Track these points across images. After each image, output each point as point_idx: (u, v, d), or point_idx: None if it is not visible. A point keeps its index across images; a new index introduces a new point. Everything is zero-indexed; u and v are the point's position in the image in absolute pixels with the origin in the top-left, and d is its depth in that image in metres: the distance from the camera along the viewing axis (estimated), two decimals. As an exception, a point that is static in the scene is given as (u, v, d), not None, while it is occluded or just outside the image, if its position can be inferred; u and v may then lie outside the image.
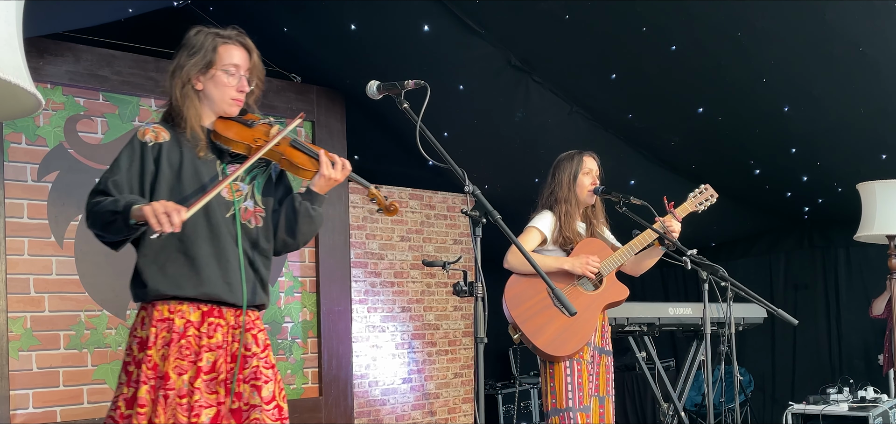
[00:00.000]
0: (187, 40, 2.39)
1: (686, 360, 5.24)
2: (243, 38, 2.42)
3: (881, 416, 4.78)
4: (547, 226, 3.52)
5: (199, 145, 2.33)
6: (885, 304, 5.99)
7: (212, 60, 2.34)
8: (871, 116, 4.80)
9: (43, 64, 4.25)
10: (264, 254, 2.40)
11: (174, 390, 2.19)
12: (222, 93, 2.36)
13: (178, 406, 2.18)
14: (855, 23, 4.12)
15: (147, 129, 2.33)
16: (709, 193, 3.68)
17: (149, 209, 2.08)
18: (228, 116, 2.40)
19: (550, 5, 4.39)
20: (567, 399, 3.39)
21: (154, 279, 2.26)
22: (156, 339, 2.23)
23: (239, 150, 2.34)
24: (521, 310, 3.38)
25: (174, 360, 2.21)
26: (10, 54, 1.62)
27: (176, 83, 2.34)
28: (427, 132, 2.29)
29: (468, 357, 6.50)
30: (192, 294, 2.25)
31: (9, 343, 4.08)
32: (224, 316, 2.30)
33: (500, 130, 5.58)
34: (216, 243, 2.29)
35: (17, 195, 4.19)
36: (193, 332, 2.25)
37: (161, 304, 2.26)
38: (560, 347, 3.35)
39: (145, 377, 2.20)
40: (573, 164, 3.58)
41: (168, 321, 2.25)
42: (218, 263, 2.28)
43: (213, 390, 2.24)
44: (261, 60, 2.45)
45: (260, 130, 2.39)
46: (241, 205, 2.35)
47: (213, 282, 2.26)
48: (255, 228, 2.37)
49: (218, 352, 2.26)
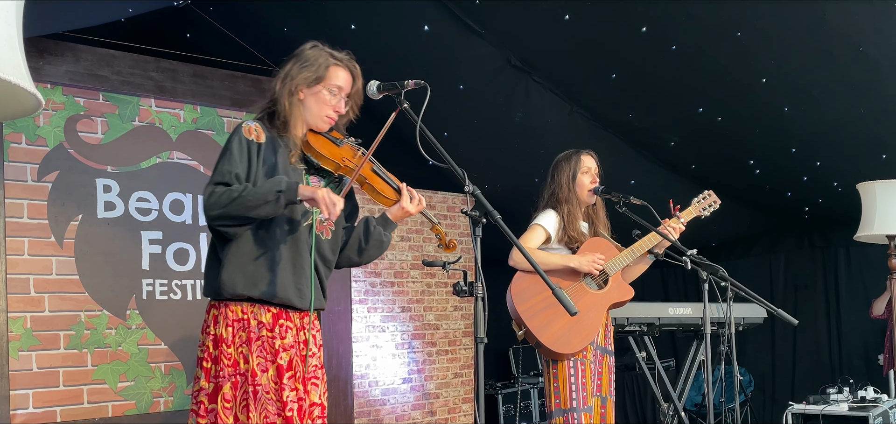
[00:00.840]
0: (301, 52, 2.52)
1: (686, 360, 5.24)
2: (353, 64, 2.55)
3: (881, 416, 4.78)
4: (551, 224, 3.52)
5: (294, 152, 2.45)
6: (885, 304, 5.99)
7: (321, 76, 2.48)
8: (871, 116, 4.80)
9: (43, 64, 4.25)
10: (328, 265, 2.56)
11: (262, 386, 2.33)
12: (321, 109, 2.50)
13: (268, 401, 2.32)
14: (855, 23, 4.12)
15: (250, 126, 2.44)
16: (712, 199, 3.70)
17: (320, 194, 2.24)
18: (318, 131, 2.52)
19: (550, 5, 4.39)
20: (571, 398, 3.39)
21: (233, 279, 2.36)
22: (233, 338, 2.36)
23: (327, 166, 2.47)
24: (527, 306, 3.38)
25: (257, 358, 2.34)
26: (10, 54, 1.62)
27: (285, 90, 2.47)
28: (427, 132, 2.30)
29: (468, 357, 6.50)
30: (266, 296, 2.36)
31: (9, 343, 4.08)
32: (291, 319, 2.43)
33: (500, 130, 5.58)
34: (293, 250, 2.42)
35: (17, 195, 4.19)
36: (267, 333, 2.38)
37: (234, 304, 2.38)
38: (565, 344, 3.35)
39: (227, 373, 2.33)
40: (571, 164, 3.58)
41: (243, 320, 2.37)
42: (293, 268, 2.41)
43: (293, 386, 2.38)
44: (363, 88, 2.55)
45: (346, 150, 2.51)
46: (318, 217, 2.47)
47: (286, 286, 2.39)
48: (325, 240, 2.51)
49: (291, 351, 2.40)
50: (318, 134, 2.52)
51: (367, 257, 2.62)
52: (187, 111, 4.81)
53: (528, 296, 3.40)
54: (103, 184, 4.46)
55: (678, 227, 3.52)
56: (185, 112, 4.80)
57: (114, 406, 4.41)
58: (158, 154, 4.67)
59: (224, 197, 2.28)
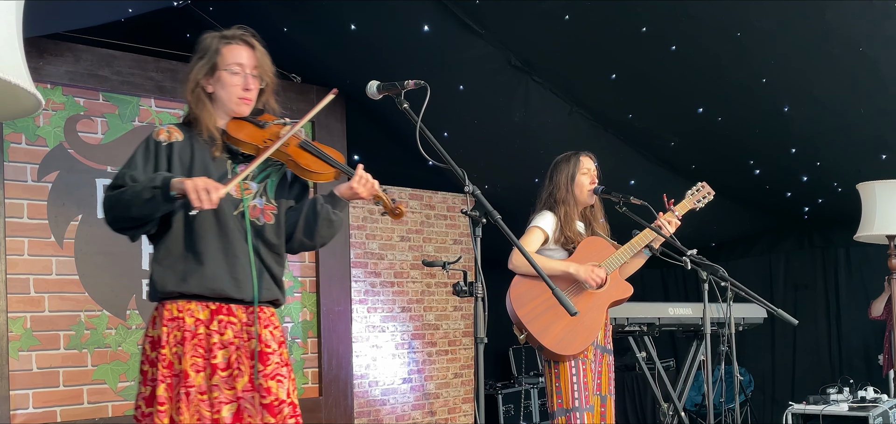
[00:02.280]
0: (197, 46, 2.43)
1: (686, 360, 5.24)
2: (247, 37, 2.44)
3: (881, 416, 4.78)
4: (549, 225, 3.52)
5: (215, 146, 2.37)
6: (883, 305, 6.00)
7: (216, 61, 2.38)
8: (871, 116, 4.80)
9: (43, 64, 4.25)
10: (276, 251, 2.42)
11: (194, 387, 2.23)
12: (229, 93, 2.39)
13: (201, 403, 2.22)
14: (855, 23, 4.12)
15: (161, 129, 2.37)
16: (706, 190, 3.69)
17: (190, 183, 2.13)
18: (241, 117, 2.42)
19: (550, 5, 4.39)
20: (573, 398, 3.38)
21: (162, 277, 2.29)
22: (168, 338, 2.26)
23: (248, 150, 2.36)
24: (527, 310, 3.37)
25: (190, 358, 2.24)
26: (10, 54, 1.62)
27: (187, 88, 2.40)
28: (427, 132, 2.29)
29: (468, 357, 6.50)
30: (198, 291, 2.28)
31: (9, 343, 4.08)
32: (234, 313, 2.32)
33: (500, 130, 5.58)
34: (224, 240, 2.32)
35: (17, 195, 4.19)
36: (203, 330, 2.28)
37: (170, 303, 2.29)
38: (567, 346, 3.35)
39: (162, 375, 2.24)
40: (570, 165, 3.58)
41: (178, 319, 2.28)
42: (225, 259, 2.30)
43: (230, 386, 2.27)
44: (268, 58, 2.47)
45: (271, 130, 2.41)
46: (250, 203, 2.37)
47: (219, 278, 2.29)
48: (263, 224, 2.39)
49: (230, 349, 2.29)
50: (241, 120, 2.42)
51: (319, 238, 2.46)
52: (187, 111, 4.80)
53: (528, 300, 3.39)
54: (103, 184, 4.46)
55: (673, 221, 3.52)
56: (185, 112, 4.79)
57: (114, 406, 4.41)
58: (158, 154, 4.67)
59: (112, 199, 2.22)
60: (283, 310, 5.20)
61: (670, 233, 3.45)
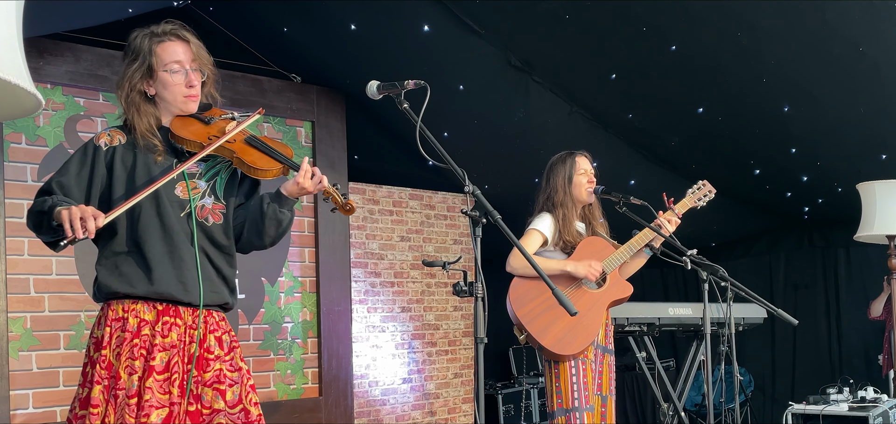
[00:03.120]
0: (127, 46, 2.33)
1: (686, 360, 5.24)
2: (179, 31, 2.35)
3: (881, 416, 4.78)
4: (547, 228, 3.52)
5: (156, 150, 2.28)
6: (883, 305, 6.00)
7: (151, 63, 2.29)
8: (871, 116, 4.80)
9: (43, 64, 4.25)
10: (225, 252, 2.34)
11: (124, 389, 2.14)
12: (173, 93, 2.30)
13: (127, 406, 2.13)
14: (855, 23, 4.12)
15: (103, 133, 2.30)
16: (707, 188, 3.69)
17: (65, 213, 2.06)
18: (188, 114, 2.34)
19: (550, 5, 4.39)
20: (573, 398, 3.38)
21: (107, 279, 2.24)
22: (110, 339, 2.20)
23: (193, 148, 2.28)
24: (526, 311, 3.37)
25: (126, 359, 2.17)
26: (10, 54, 1.61)
27: (120, 94, 2.29)
28: (427, 132, 2.29)
29: (468, 357, 6.50)
30: (145, 293, 2.21)
31: (9, 343, 4.08)
32: (181, 315, 2.24)
33: (500, 130, 5.58)
34: (169, 242, 2.24)
35: (17, 195, 4.19)
36: (148, 331, 2.20)
37: (115, 303, 2.23)
38: (567, 346, 3.35)
39: (99, 376, 2.17)
40: (566, 166, 3.57)
41: (122, 320, 2.21)
42: (171, 261, 2.23)
43: (165, 390, 2.17)
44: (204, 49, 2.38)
45: (217, 126, 2.33)
46: (198, 203, 2.29)
47: (165, 281, 2.21)
48: (212, 224, 2.31)
49: (172, 352, 2.21)
50: (186, 117, 2.32)
51: (268, 237, 2.35)
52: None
53: (527, 300, 3.39)
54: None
55: (673, 220, 3.52)
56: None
57: (114, 406, 4.40)
58: (158, 154, 4.67)
59: (33, 208, 2.18)
60: (283, 310, 5.20)
61: (670, 232, 3.45)
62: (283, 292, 5.20)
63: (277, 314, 5.17)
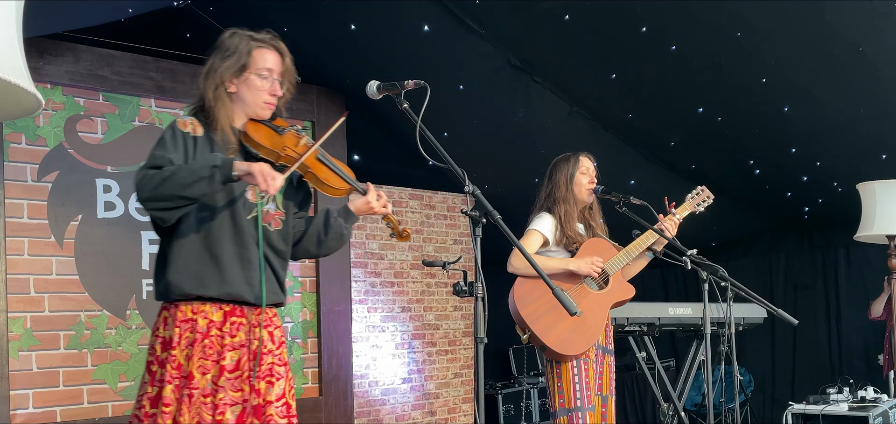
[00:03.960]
0: (221, 42, 2.42)
1: (686, 360, 5.24)
2: (277, 42, 2.45)
3: (881, 416, 4.78)
4: (548, 228, 3.52)
5: (230, 147, 2.36)
6: (883, 306, 6.00)
7: (246, 63, 2.37)
8: (871, 116, 4.80)
9: (43, 64, 4.25)
10: (282, 256, 2.46)
11: (198, 389, 2.23)
12: (255, 96, 2.39)
13: (203, 405, 2.23)
14: (855, 23, 4.12)
15: (185, 120, 2.36)
16: (705, 194, 3.70)
17: (257, 167, 2.14)
18: (259, 120, 2.44)
19: (550, 5, 4.39)
20: (575, 398, 3.39)
21: (179, 280, 2.28)
22: (180, 339, 2.27)
23: (267, 156, 2.37)
24: (530, 310, 3.38)
25: (198, 359, 2.25)
26: (10, 54, 1.62)
27: (209, 85, 2.37)
28: (427, 132, 2.29)
29: (468, 357, 6.50)
30: (216, 294, 2.29)
31: (9, 343, 4.08)
32: (245, 315, 2.34)
33: (500, 130, 5.58)
34: (240, 244, 2.33)
35: (17, 195, 4.19)
36: (216, 332, 2.29)
37: (184, 304, 2.29)
38: (570, 346, 3.35)
39: (170, 376, 2.24)
40: (569, 165, 3.59)
41: (191, 321, 2.28)
42: (241, 263, 2.32)
43: (237, 387, 2.28)
44: (293, 64, 2.48)
45: (289, 138, 2.43)
46: (263, 208, 2.39)
47: (235, 282, 2.30)
48: (274, 231, 2.42)
49: (241, 350, 2.31)
50: (259, 123, 2.42)
51: (325, 249, 2.52)
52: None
53: (531, 300, 3.39)
54: (103, 184, 4.46)
55: (674, 223, 3.52)
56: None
57: (114, 406, 4.40)
58: (158, 154, 4.67)
59: (156, 178, 2.17)
60: (283, 310, 5.19)
61: (672, 235, 3.45)
62: (283, 292, 5.20)
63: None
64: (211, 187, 2.18)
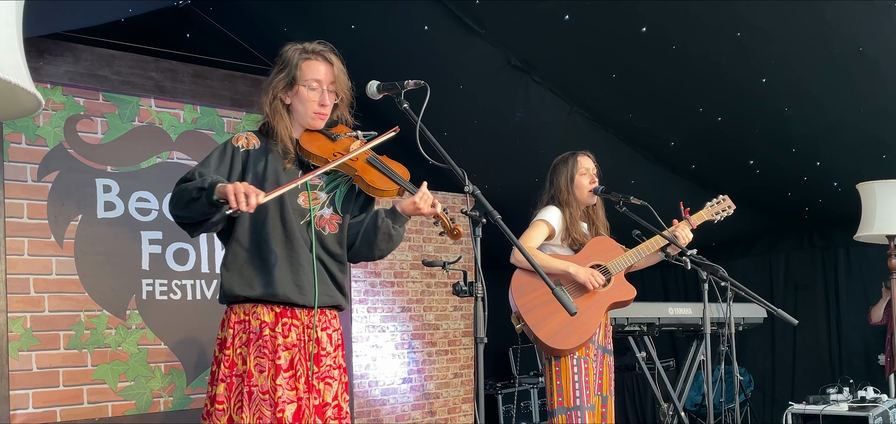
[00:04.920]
0: (279, 56, 2.53)
1: (686, 360, 5.24)
2: (326, 53, 2.53)
3: (881, 416, 4.78)
4: (555, 219, 3.51)
5: (289, 157, 2.45)
6: (882, 310, 6.00)
7: (295, 76, 2.46)
8: (871, 116, 4.80)
9: (43, 64, 4.25)
10: (338, 259, 2.52)
11: (257, 386, 2.33)
12: (306, 107, 2.47)
13: (263, 402, 2.31)
14: (855, 23, 4.12)
15: (240, 135, 2.48)
16: (726, 204, 3.68)
17: (230, 187, 2.18)
18: (315, 129, 2.50)
19: (550, 5, 4.39)
20: (574, 396, 3.38)
21: (231, 283, 2.39)
22: (233, 340, 2.38)
23: (317, 162, 2.44)
24: (526, 301, 3.38)
25: (254, 358, 2.35)
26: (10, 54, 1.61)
27: (265, 99, 2.48)
28: (427, 132, 2.29)
29: (468, 357, 6.50)
30: (262, 295, 2.37)
31: (9, 343, 4.08)
32: (297, 316, 2.41)
33: (500, 130, 5.58)
34: (289, 247, 2.41)
35: (17, 195, 4.19)
36: (269, 332, 2.37)
37: (238, 307, 2.40)
38: (562, 341, 3.35)
39: (224, 375, 2.35)
40: (569, 166, 3.58)
41: (244, 322, 2.39)
42: (290, 266, 2.40)
43: (292, 386, 2.35)
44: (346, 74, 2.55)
45: (342, 143, 2.49)
46: (317, 213, 2.46)
47: (283, 284, 2.38)
48: (328, 234, 2.49)
49: (293, 351, 2.38)
50: (314, 132, 2.51)
51: (378, 251, 2.56)
52: (187, 111, 4.81)
53: (528, 291, 3.40)
54: (103, 184, 4.46)
55: (687, 230, 3.50)
56: (185, 112, 4.80)
57: (114, 406, 4.41)
58: (158, 154, 4.67)
59: (176, 193, 2.31)
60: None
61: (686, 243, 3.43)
62: (283, 292, 5.20)
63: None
64: (203, 208, 2.25)
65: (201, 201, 2.23)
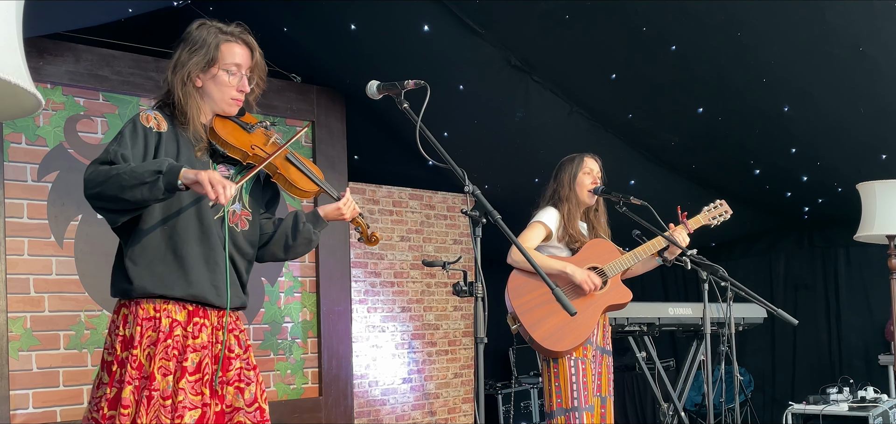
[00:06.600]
0: (189, 34, 2.33)
1: (686, 360, 5.24)
2: (246, 36, 2.38)
3: (881, 416, 4.78)
4: (552, 221, 3.53)
5: (200, 145, 2.28)
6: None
7: (214, 57, 2.30)
8: (871, 116, 4.80)
9: (43, 64, 4.25)
10: (247, 258, 2.38)
11: (158, 391, 2.14)
12: (223, 92, 2.31)
13: (162, 408, 2.13)
14: (855, 23, 4.12)
15: (149, 114, 2.25)
16: (723, 208, 3.69)
17: (204, 176, 2.02)
18: (227, 115, 2.36)
19: (550, 5, 4.39)
20: (573, 397, 3.38)
21: (141, 277, 2.19)
22: (141, 338, 2.17)
23: (234, 154, 2.30)
24: (522, 302, 3.38)
25: (159, 360, 2.16)
26: (10, 54, 1.61)
27: (177, 80, 2.28)
28: (427, 132, 2.29)
29: (468, 357, 6.50)
30: (180, 295, 2.20)
31: (9, 343, 4.08)
32: (209, 317, 2.26)
33: (500, 130, 5.58)
34: (206, 245, 2.25)
35: (17, 195, 4.19)
36: (180, 332, 2.21)
37: (146, 302, 2.19)
38: (557, 342, 3.35)
39: (130, 377, 2.14)
40: (574, 165, 3.61)
41: (154, 319, 2.19)
42: (206, 264, 2.24)
43: (197, 391, 2.20)
44: (263, 58, 2.42)
45: (257, 136, 2.35)
46: (230, 208, 2.31)
47: (201, 284, 2.22)
48: (241, 231, 2.34)
49: (203, 353, 2.23)
50: (227, 119, 2.34)
51: (293, 253, 2.44)
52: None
53: (524, 292, 3.41)
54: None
55: (684, 233, 3.50)
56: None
57: (114, 406, 4.40)
58: (158, 154, 4.67)
59: (102, 174, 2.05)
60: (283, 310, 5.20)
61: (684, 246, 3.43)
62: (283, 292, 5.20)
63: (277, 314, 5.17)
64: (152, 194, 2.04)
65: (157, 185, 2.02)
